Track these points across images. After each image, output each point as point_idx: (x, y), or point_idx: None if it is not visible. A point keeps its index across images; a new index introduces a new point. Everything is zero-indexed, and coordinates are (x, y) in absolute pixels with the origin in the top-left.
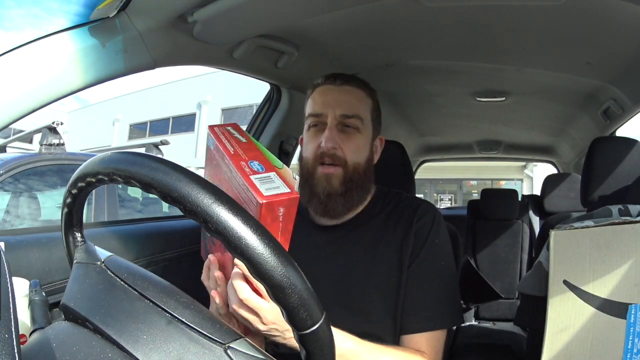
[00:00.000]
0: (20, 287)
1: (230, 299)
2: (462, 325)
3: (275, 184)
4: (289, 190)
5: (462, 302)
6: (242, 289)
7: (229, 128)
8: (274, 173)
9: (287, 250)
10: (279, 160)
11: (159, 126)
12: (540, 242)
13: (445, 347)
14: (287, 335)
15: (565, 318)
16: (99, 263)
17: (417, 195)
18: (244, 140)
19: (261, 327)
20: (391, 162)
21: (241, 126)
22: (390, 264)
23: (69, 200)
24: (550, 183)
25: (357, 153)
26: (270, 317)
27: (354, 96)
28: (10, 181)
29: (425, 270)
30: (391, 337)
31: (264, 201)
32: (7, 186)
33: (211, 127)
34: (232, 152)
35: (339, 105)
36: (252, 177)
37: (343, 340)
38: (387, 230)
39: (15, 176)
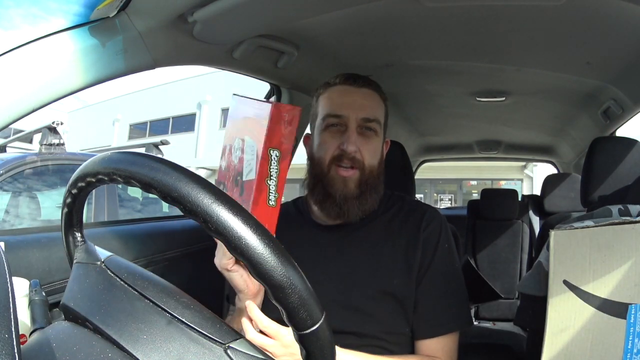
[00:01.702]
0: (20, 287)
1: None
2: None
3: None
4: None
5: None
6: (247, 329)
7: None
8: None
9: (291, 152)
10: None
11: (159, 126)
12: (540, 242)
13: None
14: None
15: (565, 318)
16: (99, 263)
17: (417, 196)
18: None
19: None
20: (391, 162)
21: None
22: (394, 267)
23: (69, 200)
24: (550, 183)
25: (374, 156)
26: (278, 352)
27: (374, 100)
28: (10, 181)
29: (439, 277)
30: (392, 337)
31: (274, 103)
32: (7, 186)
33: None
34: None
35: (361, 109)
36: (261, 99)
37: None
38: (391, 232)
39: (15, 176)
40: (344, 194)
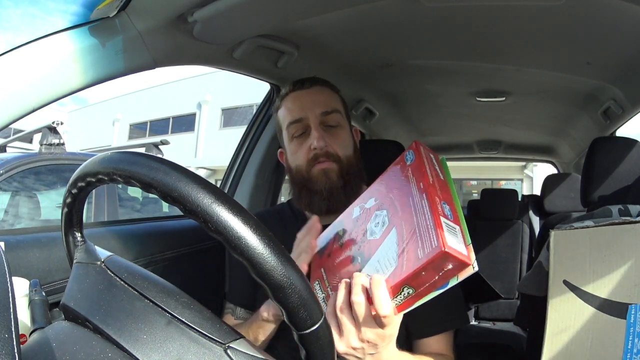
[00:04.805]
0: (20, 287)
1: (337, 298)
2: None
3: (458, 239)
4: (466, 254)
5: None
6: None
7: (432, 156)
8: (459, 227)
9: (426, 295)
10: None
11: (159, 126)
12: (540, 242)
13: None
14: None
15: (565, 318)
16: (99, 263)
17: None
18: (442, 177)
19: (352, 342)
20: (391, 162)
21: (241, 126)
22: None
23: (69, 200)
24: (550, 183)
25: (346, 147)
26: (370, 335)
27: (326, 94)
28: (10, 181)
29: None
30: None
31: (446, 249)
32: (7, 186)
33: (418, 143)
34: (431, 182)
35: (316, 105)
36: (442, 220)
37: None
38: None
39: (15, 176)
40: (328, 186)
